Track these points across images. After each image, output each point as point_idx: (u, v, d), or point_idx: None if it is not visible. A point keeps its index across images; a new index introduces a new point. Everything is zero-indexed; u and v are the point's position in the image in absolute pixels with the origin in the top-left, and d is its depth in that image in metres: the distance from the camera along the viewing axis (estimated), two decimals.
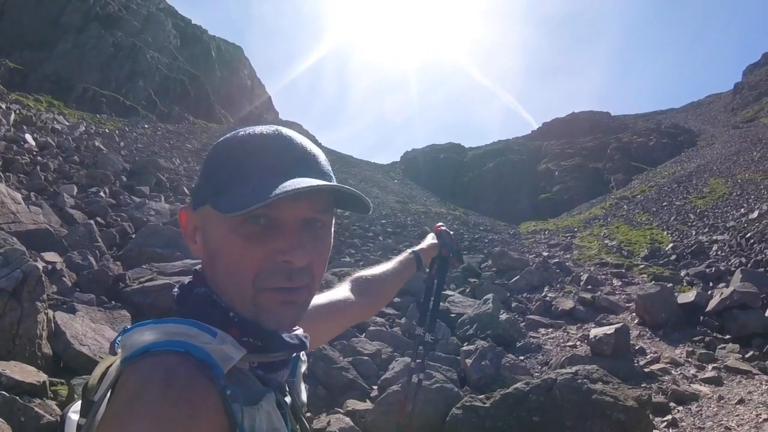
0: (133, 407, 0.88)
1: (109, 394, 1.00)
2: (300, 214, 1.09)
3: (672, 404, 9.40)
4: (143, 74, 61.61)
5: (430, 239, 2.66)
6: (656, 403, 8.96)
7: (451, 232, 2.70)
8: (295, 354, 1.27)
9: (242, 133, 1.14)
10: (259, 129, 1.14)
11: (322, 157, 1.17)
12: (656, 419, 8.60)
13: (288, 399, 1.22)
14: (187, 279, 1.22)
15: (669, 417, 8.86)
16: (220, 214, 1.06)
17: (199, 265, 1.21)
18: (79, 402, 1.16)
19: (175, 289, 1.21)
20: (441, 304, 12.51)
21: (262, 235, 1.07)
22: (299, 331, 1.25)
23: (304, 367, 1.37)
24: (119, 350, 1.05)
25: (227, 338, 1.05)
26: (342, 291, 2.00)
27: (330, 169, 1.18)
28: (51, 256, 11.84)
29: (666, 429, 8.54)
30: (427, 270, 2.69)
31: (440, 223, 2.83)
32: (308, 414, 8.73)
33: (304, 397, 1.34)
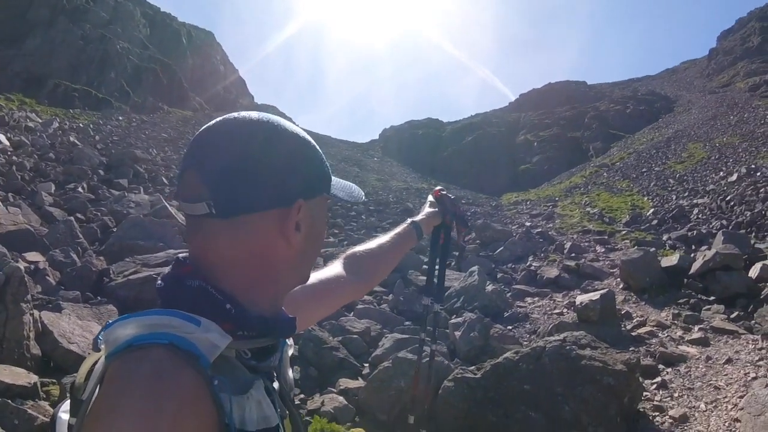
0: (119, 403, 0.87)
1: (97, 392, 0.98)
2: None
3: (661, 366, 9.51)
4: (114, 65, 60.76)
5: (429, 206, 2.57)
6: (645, 366, 9.06)
7: (452, 196, 2.55)
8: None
9: (288, 126, 1.22)
10: (299, 128, 1.24)
11: None
12: (646, 381, 8.70)
13: (276, 384, 1.21)
14: (167, 270, 1.18)
15: (658, 379, 8.96)
16: (323, 203, 1.27)
17: (182, 255, 1.19)
18: (69, 401, 1.15)
19: (159, 282, 1.16)
20: (424, 277, 12.52)
21: None
22: (284, 316, 1.25)
23: (291, 351, 1.36)
24: (102, 346, 1.02)
25: (212, 326, 1.02)
26: (333, 269, 1.96)
27: None
28: (33, 255, 11.70)
29: (656, 391, 8.63)
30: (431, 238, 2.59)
31: (439, 187, 2.66)
32: (301, 395, 8.77)
33: (291, 380, 1.33)
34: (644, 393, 8.27)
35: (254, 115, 1.19)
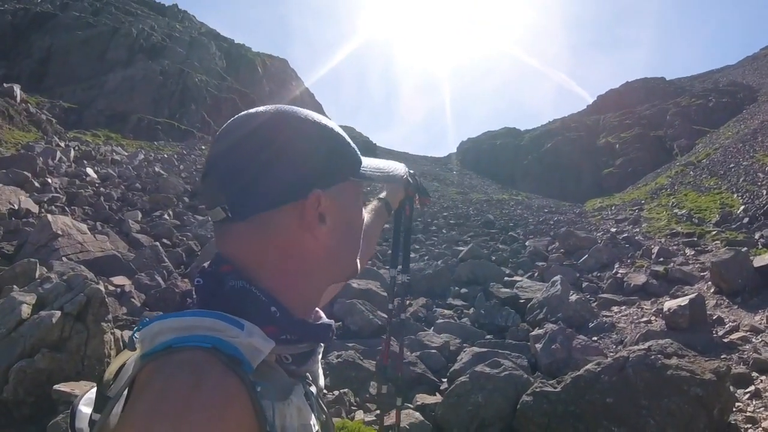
0: (160, 408, 0.83)
1: (126, 392, 0.95)
2: None
3: (754, 374, 9.03)
4: (194, 98, 62.65)
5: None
6: (737, 374, 8.62)
7: (412, 171, 2.45)
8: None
9: (299, 114, 1.18)
10: (295, 113, 1.18)
11: None
12: (738, 391, 8.28)
13: (313, 388, 1.17)
14: (206, 266, 1.15)
15: (752, 388, 8.50)
16: (352, 189, 1.21)
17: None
18: (88, 394, 1.15)
19: (198, 279, 1.12)
20: (506, 290, 12.37)
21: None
22: (324, 318, 1.23)
23: (320, 352, 1.29)
24: (138, 345, 0.98)
25: (255, 330, 0.99)
26: None
27: None
28: (120, 279, 12.19)
29: (749, 401, 8.19)
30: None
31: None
32: (377, 412, 8.69)
33: (321, 381, 1.28)
34: (736, 403, 7.85)
35: (261, 109, 1.16)
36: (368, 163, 1.29)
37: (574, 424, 7.11)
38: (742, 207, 23.73)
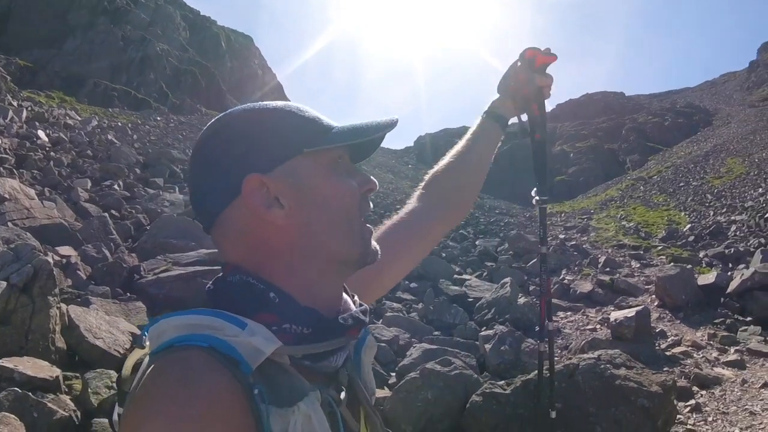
0: (147, 407, 0.85)
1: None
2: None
3: (695, 388, 9.28)
4: (154, 67, 61.54)
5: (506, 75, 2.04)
6: (679, 388, 8.82)
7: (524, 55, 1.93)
8: (360, 336, 1.22)
9: (249, 106, 1.18)
10: (236, 109, 1.18)
11: None
12: (679, 404, 8.48)
13: (343, 395, 1.12)
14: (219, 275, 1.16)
15: (692, 401, 8.74)
16: (314, 162, 1.11)
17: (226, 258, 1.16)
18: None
19: (209, 285, 1.14)
20: (456, 287, 12.38)
21: (350, 170, 1.18)
22: (353, 305, 1.21)
23: (372, 351, 1.28)
24: (147, 343, 1.02)
25: (258, 330, 0.97)
26: (409, 207, 1.77)
27: None
28: (65, 250, 11.84)
29: (689, 414, 8.42)
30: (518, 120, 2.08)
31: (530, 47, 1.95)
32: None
33: (372, 385, 1.25)
34: (678, 416, 8.07)
35: (220, 115, 1.18)
36: (342, 128, 1.18)
37: (522, 427, 7.21)
38: (688, 225, 24.37)
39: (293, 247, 1.11)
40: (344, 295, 1.23)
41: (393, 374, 9.89)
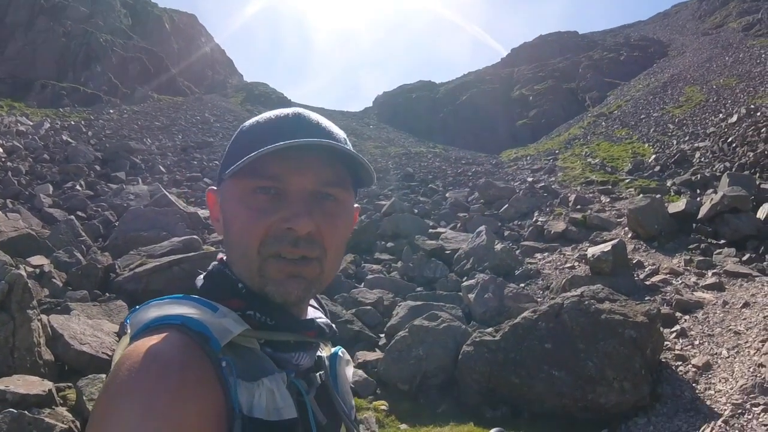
0: (122, 382, 0.88)
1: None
2: (307, 186, 1.10)
3: (678, 314, 9.47)
4: (99, 59, 59.87)
5: None
6: (663, 315, 8.99)
7: None
8: (333, 351, 1.29)
9: (263, 115, 1.19)
10: (278, 111, 1.19)
11: (338, 131, 1.22)
12: (665, 330, 8.64)
13: (314, 390, 1.14)
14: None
15: (677, 327, 8.93)
16: (234, 187, 1.10)
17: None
18: None
19: (199, 277, 1.21)
20: (432, 241, 12.36)
21: (270, 206, 1.08)
22: (324, 320, 1.24)
23: (349, 369, 1.34)
24: (128, 330, 1.04)
25: (229, 314, 1.04)
26: None
27: (347, 142, 1.20)
28: (37, 259, 11.70)
29: (676, 340, 8.60)
30: None
31: None
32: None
33: (351, 399, 1.30)
34: (665, 343, 8.22)
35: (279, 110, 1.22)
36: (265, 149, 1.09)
37: (516, 371, 7.32)
38: (653, 156, 24.59)
39: (228, 255, 1.17)
40: (313, 309, 1.30)
41: (382, 335, 9.95)
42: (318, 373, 1.18)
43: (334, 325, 1.26)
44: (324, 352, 1.26)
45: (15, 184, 19.89)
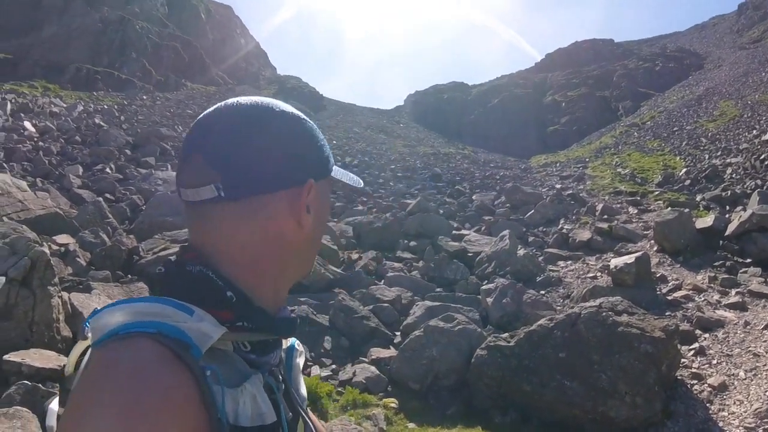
0: (95, 399, 0.81)
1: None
2: None
3: (698, 332, 9.33)
4: (134, 46, 60.48)
5: None
6: (682, 331, 8.87)
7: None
8: (290, 344, 1.32)
9: (300, 114, 1.18)
10: (287, 106, 1.17)
11: None
12: (683, 348, 8.53)
13: (282, 385, 1.15)
14: (173, 257, 1.12)
15: (696, 345, 8.80)
16: (329, 184, 1.22)
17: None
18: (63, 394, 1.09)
19: (160, 267, 1.10)
20: (455, 243, 12.40)
21: None
22: (287, 314, 1.21)
23: (301, 360, 1.34)
24: (89, 334, 0.96)
25: (206, 317, 0.96)
26: None
27: None
28: (63, 238, 11.89)
29: (694, 357, 8.47)
30: None
31: None
32: (332, 366, 8.78)
33: (303, 391, 1.30)
34: (682, 360, 8.11)
35: (256, 99, 1.15)
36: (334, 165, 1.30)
37: (528, 378, 7.27)
38: (684, 169, 24.28)
39: (296, 252, 1.15)
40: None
41: (398, 333, 9.94)
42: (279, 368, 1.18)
43: (296, 317, 1.23)
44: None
45: (46, 163, 20.28)
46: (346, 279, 12.49)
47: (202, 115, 1.13)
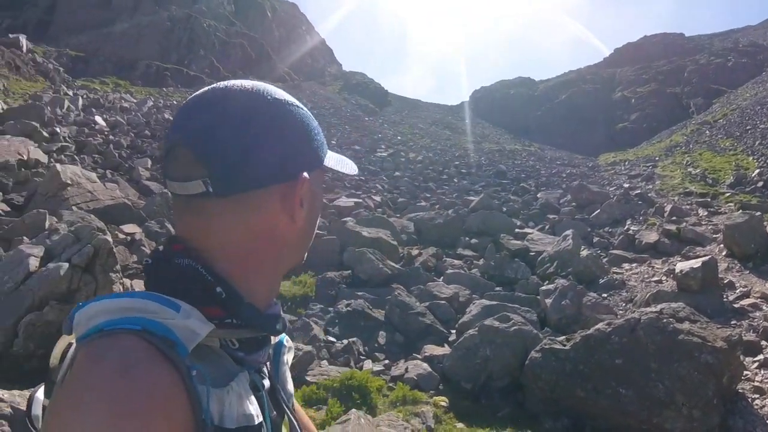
0: (82, 399, 0.79)
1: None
2: None
3: (764, 343, 8.97)
4: (202, 43, 62.03)
5: None
6: (747, 342, 8.56)
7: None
8: (279, 340, 1.27)
9: (284, 95, 1.11)
10: (279, 92, 1.11)
11: None
12: (746, 359, 8.23)
13: (267, 382, 1.13)
14: (160, 247, 1.09)
15: (761, 357, 8.46)
16: (321, 175, 1.17)
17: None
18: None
19: (147, 259, 1.07)
20: (517, 242, 12.35)
21: None
22: (278, 310, 1.17)
23: (290, 355, 1.30)
24: (74, 329, 0.93)
25: (192, 313, 0.94)
26: None
27: None
28: (130, 227, 12.37)
29: (757, 370, 8.15)
30: None
31: None
32: (385, 361, 8.78)
33: (290, 387, 1.27)
34: (744, 372, 7.83)
35: (246, 83, 1.09)
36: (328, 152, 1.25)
37: (582, 383, 7.13)
38: (757, 170, 23.48)
39: (288, 246, 1.11)
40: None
41: (453, 331, 9.90)
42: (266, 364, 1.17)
43: (284, 318, 1.20)
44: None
45: (116, 156, 21.09)
46: (405, 275, 12.52)
47: (190, 99, 1.09)
